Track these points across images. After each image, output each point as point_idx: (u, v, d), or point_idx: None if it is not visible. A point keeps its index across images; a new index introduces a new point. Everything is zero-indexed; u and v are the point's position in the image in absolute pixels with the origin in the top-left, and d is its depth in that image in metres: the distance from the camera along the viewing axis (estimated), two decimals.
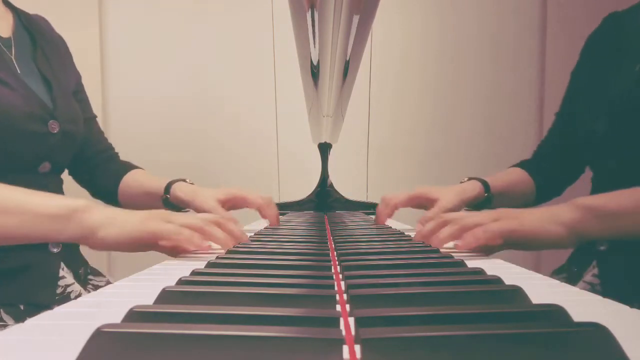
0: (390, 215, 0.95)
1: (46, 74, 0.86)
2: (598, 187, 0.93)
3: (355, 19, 0.54)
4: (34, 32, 0.89)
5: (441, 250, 0.57)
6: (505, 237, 0.60)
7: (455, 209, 0.89)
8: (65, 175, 0.97)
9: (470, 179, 0.96)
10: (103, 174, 1.01)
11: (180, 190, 0.91)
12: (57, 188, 0.90)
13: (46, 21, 0.96)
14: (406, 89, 1.77)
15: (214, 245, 0.64)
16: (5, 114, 0.75)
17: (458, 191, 0.92)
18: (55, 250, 0.82)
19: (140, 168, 1.04)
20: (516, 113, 1.74)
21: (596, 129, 0.85)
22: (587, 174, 1.00)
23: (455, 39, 1.76)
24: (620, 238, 0.67)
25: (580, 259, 0.90)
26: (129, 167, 1.03)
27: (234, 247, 0.60)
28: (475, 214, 0.65)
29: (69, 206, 0.60)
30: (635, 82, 0.82)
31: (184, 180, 0.95)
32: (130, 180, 0.99)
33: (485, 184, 0.94)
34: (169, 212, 0.71)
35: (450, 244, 0.63)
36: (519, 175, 1.02)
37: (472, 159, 1.75)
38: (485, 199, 0.94)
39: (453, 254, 0.53)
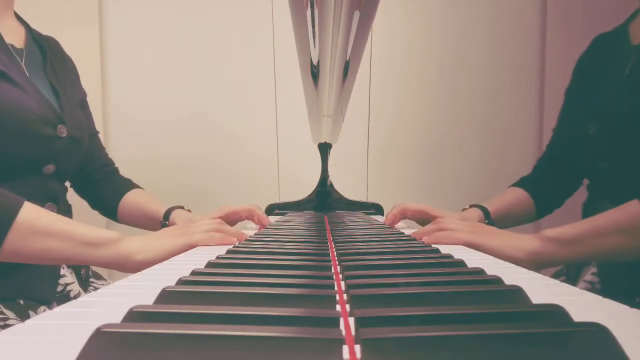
0: (397, 216, 1.03)
1: (54, 84, 0.89)
2: (593, 192, 0.96)
3: (356, 18, 0.54)
4: (44, 47, 0.92)
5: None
6: (468, 245, 0.71)
7: None
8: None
9: (471, 206, 1.02)
10: (104, 188, 1.06)
11: (179, 218, 0.98)
12: (61, 192, 0.90)
13: (56, 41, 1.00)
14: (406, 89, 1.77)
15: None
16: (20, 115, 0.78)
17: (460, 216, 0.98)
18: None
19: (140, 187, 1.09)
20: (517, 114, 1.74)
21: (588, 131, 0.89)
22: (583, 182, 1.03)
23: (455, 39, 1.76)
24: (578, 260, 0.78)
25: None
26: (130, 185, 1.08)
27: (233, 247, 0.60)
28: (456, 222, 0.76)
29: (105, 237, 0.69)
30: (623, 87, 0.86)
31: (182, 207, 1.01)
32: (131, 200, 1.05)
33: (485, 211, 1.00)
34: (187, 223, 0.82)
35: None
36: (517, 196, 1.07)
37: (473, 159, 1.75)
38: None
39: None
